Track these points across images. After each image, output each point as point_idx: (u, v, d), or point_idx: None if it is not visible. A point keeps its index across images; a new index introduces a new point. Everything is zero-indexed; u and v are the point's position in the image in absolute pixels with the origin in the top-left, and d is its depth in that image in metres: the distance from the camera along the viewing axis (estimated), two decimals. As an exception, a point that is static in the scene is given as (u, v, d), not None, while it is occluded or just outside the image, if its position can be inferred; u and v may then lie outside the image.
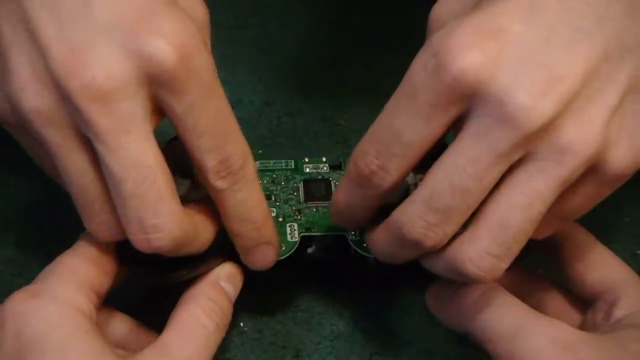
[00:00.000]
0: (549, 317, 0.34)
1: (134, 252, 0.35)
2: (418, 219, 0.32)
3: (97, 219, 0.34)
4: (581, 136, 0.31)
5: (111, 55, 0.31)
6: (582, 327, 0.37)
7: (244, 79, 0.51)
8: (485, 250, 0.32)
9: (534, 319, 0.34)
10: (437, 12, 0.36)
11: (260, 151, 0.48)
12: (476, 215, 0.32)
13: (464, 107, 0.31)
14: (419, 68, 0.32)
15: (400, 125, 0.32)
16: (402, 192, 0.37)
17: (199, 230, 0.35)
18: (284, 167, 0.43)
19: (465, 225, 0.33)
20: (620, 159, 0.32)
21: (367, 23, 0.54)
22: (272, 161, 0.43)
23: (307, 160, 0.43)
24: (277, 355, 0.41)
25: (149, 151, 0.32)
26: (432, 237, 0.33)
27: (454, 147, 0.32)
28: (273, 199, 0.41)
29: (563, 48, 0.31)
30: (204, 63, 0.32)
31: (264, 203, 0.36)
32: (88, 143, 0.32)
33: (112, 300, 0.37)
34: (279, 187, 0.42)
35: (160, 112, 0.33)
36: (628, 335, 0.34)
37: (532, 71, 0.30)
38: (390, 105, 0.33)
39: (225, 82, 0.51)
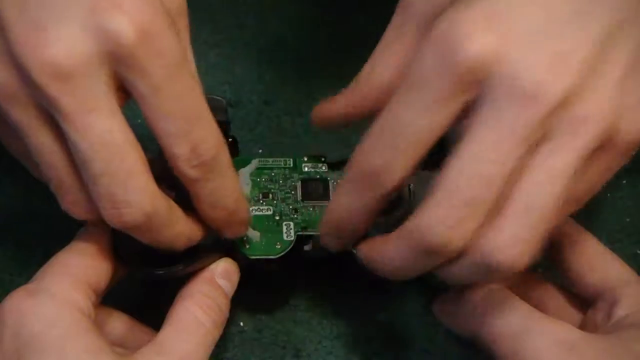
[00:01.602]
0: (553, 318, 0.34)
1: (129, 247, 0.35)
2: (441, 220, 0.31)
3: (69, 197, 0.34)
4: (596, 108, 0.31)
5: (72, 32, 0.31)
6: (583, 326, 0.37)
7: (244, 79, 0.51)
8: (514, 235, 0.31)
9: (539, 319, 0.34)
10: None
11: (260, 150, 0.48)
12: (499, 205, 0.32)
13: (474, 94, 0.31)
14: (426, 59, 0.31)
15: (408, 118, 0.32)
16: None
17: (175, 216, 0.35)
18: (282, 165, 0.43)
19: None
20: (631, 127, 0.32)
21: (367, 23, 0.54)
22: (270, 159, 0.42)
23: (306, 159, 0.43)
24: (277, 355, 0.41)
25: (116, 128, 0.32)
26: (458, 237, 0.31)
27: (469, 138, 0.31)
28: (270, 197, 0.41)
29: (566, 26, 0.31)
30: (168, 43, 0.32)
31: (237, 189, 0.36)
32: (54, 121, 0.32)
33: (109, 299, 0.37)
34: (277, 186, 0.42)
35: (125, 91, 0.33)
36: (631, 336, 0.33)
37: (540, 49, 0.31)
38: (396, 100, 0.32)
39: (225, 82, 0.51)
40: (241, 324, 0.42)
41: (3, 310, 0.33)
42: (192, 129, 0.33)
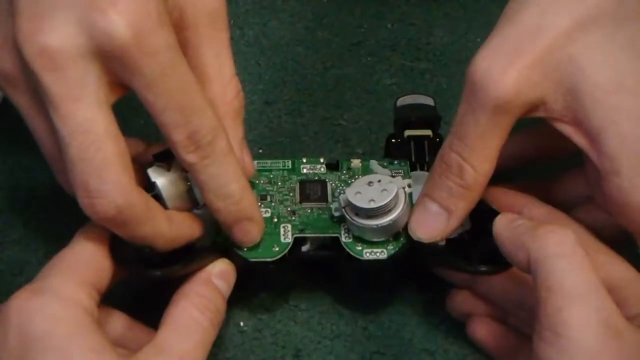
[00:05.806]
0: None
1: (127, 248, 0.35)
2: None
3: (60, 177, 0.36)
4: None
5: (68, 24, 0.32)
6: None
7: (244, 79, 0.51)
8: None
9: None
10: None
11: (260, 150, 0.48)
12: None
13: None
14: None
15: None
16: None
17: (154, 215, 0.35)
18: (281, 167, 0.42)
19: None
20: None
21: (366, 23, 0.54)
22: (269, 161, 0.42)
23: (304, 160, 0.43)
24: (277, 355, 0.41)
25: (99, 119, 0.33)
26: None
27: None
28: (269, 199, 0.41)
29: None
30: (160, 42, 0.32)
31: (240, 178, 0.37)
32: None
33: (109, 299, 0.37)
34: (275, 188, 0.41)
35: (122, 85, 0.33)
36: None
37: None
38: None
39: (225, 82, 0.51)
40: (241, 324, 0.42)
41: (8, 309, 0.33)
42: (188, 119, 0.34)
